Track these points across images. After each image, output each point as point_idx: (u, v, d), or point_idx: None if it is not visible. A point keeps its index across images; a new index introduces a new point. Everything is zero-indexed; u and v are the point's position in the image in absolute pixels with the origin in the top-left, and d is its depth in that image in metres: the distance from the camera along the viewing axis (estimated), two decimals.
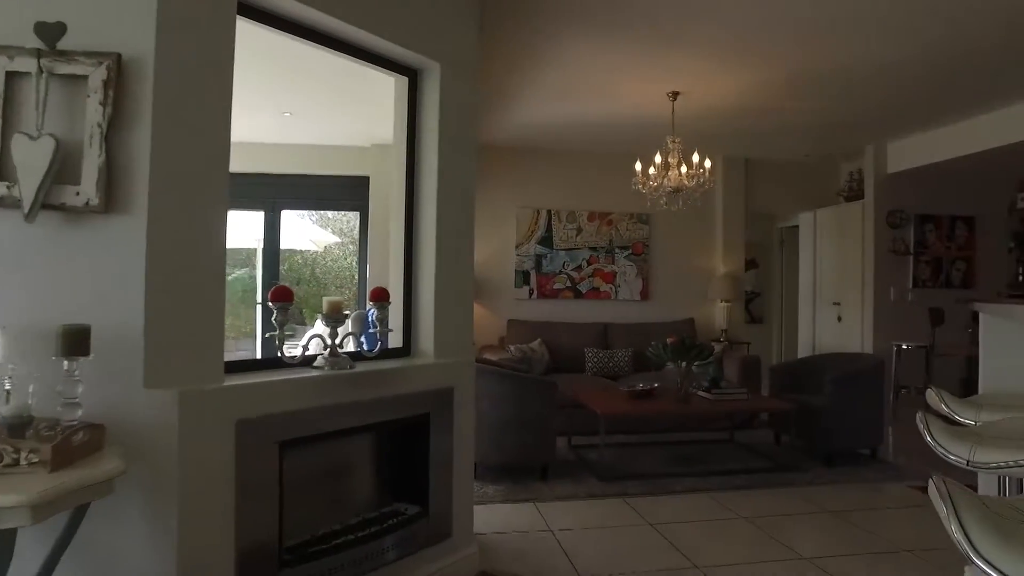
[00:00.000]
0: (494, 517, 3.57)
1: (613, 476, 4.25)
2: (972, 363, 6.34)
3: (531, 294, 6.82)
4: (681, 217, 6.99)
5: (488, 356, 5.82)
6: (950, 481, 1.15)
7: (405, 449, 2.71)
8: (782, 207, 7.37)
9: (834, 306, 7.04)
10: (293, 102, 5.23)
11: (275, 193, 6.86)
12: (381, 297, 2.53)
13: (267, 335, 2.22)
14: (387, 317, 2.61)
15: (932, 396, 2.36)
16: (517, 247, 6.80)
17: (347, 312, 2.42)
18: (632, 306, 6.96)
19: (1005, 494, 1.75)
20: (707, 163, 4.82)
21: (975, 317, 6.74)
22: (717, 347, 6.14)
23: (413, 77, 2.88)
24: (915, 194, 6.63)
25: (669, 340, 4.39)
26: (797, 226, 7.94)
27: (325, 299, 2.39)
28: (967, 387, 5.43)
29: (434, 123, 2.85)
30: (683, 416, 4.88)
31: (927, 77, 4.62)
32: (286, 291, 2.20)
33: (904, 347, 6.23)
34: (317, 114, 5.58)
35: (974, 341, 6.50)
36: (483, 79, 4.67)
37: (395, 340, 2.80)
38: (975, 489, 2.06)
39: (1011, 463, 1.46)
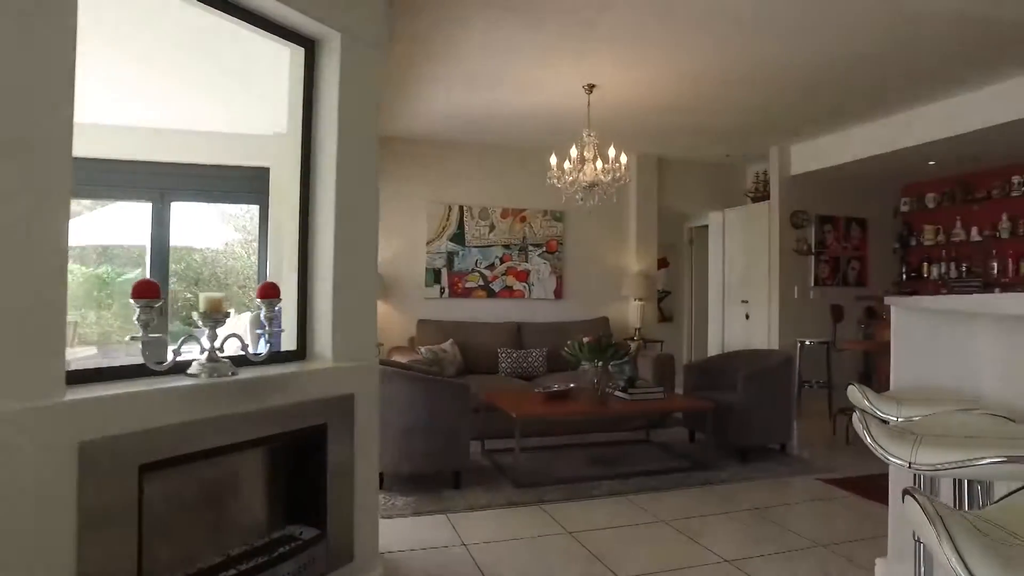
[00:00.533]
0: (403, 533, 3.30)
1: (530, 482, 4.07)
2: (868, 357, 6.63)
3: (443, 293, 6.56)
4: (595, 215, 6.94)
5: (397, 358, 5.52)
6: (937, 501, 1.00)
7: (300, 465, 2.41)
8: (692, 207, 7.47)
9: (742, 304, 7.19)
10: (184, 81, 4.74)
11: (164, 183, 6.26)
12: (269, 294, 2.23)
13: (147, 338, 1.86)
14: (278, 316, 2.30)
15: (854, 393, 2.30)
16: (428, 244, 6.52)
17: (229, 312, 2.10)
18: (546, 305, 6.84)
19: (959, 497, 1.67)
20: (623, 158, 4.74)
21: (868, 313, 7.07)
22: (632, 346, 6.11)
23: (310, 48, 2.58)
24: (816, 196, 6.86)
25: (585, 339, 4.26)
26: (707, 226, 8.08)
27: (202, 296, 2.06)
28: (865, 381, 5.63)
29: (333, 101, 2.56)
30: (600, 417, 4.77)
31: (824, 83, 4.74)
32: (150, 286, 1.86)
33: (807, 343, 6.41)
34: (212, 97, 5.09)
35: (868, 336, 6.81)
36: (393, 64, 4.40)
37: (289, 342, 2.49)
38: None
39: (962, 463, 1.36)
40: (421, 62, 4.42)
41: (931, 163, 6.19)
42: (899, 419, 2.10)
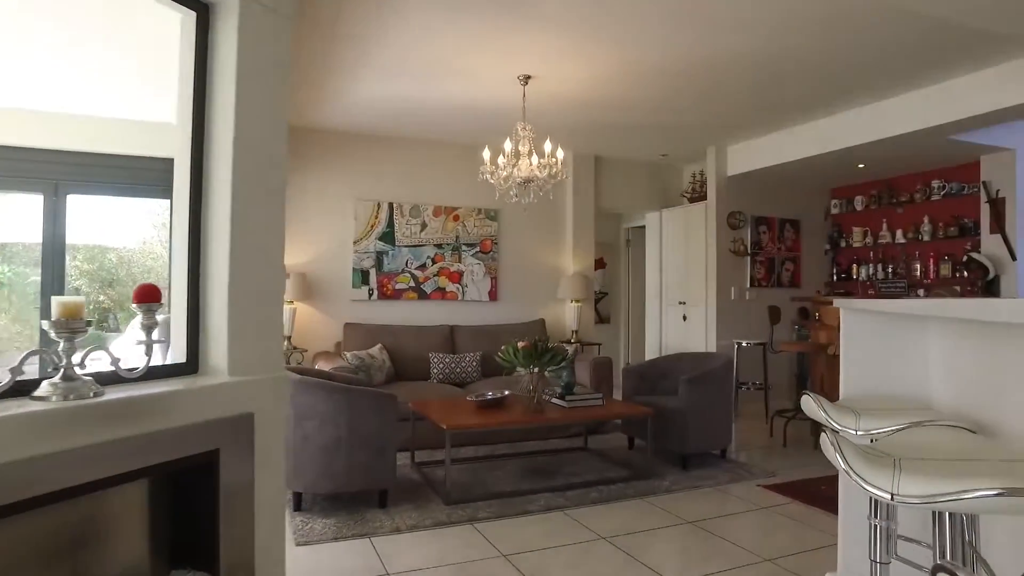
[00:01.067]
0: (321, 562, 2.98)
1: (462, 498, 3.79)
2: (801, 358, 6.65)
3: (371, 295, 6.20)
4: (531, 214, 6.72)
5: (322, 365, 5.15)
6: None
7: (187, 499, 2.06)
8: (629, 207, 7.35)
9: (679, 305, 7.11)
10: (72, 62, 4.24)
11: (56, 173, 5.67)
12: (147, 298, 1.87)
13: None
14: (163, 325, 1.95)
15: (809, 404, 2.14)
16: (355, 243, 6.15)
17: (90, 320, 1.74)
18: (480, 307, 6.57)
19: (939, 533, 1.49)
20: (560, 153, 4.53)
21: (802, 313, 7.13)
22: (569, 349, 5.92)
23: (203, 12, 2.23)
24: (752, 196, 6.85)
25: (520, 344, 4.01)
26: (644, 226, 8.00)
27: (55, 300, 1.69)
28: (801, 383, 5.61)
29: (230, 75, 2.21)
30: (537, 427, 4.52)
31: (760, 83, 4.66)
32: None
33: (743, 344, 6.38)
34: (110, 78, 4.59)
35: (803, 337, 6.85)
36: (315, 48, 4.04)
37: (179, 354, 2.14)
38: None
39: (951, 495, 1.17)
40: (345, 46, 4.08)
41: (861, 166, 6.26)
42: (858, 432, 1.94)
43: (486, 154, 4.49)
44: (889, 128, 5.15)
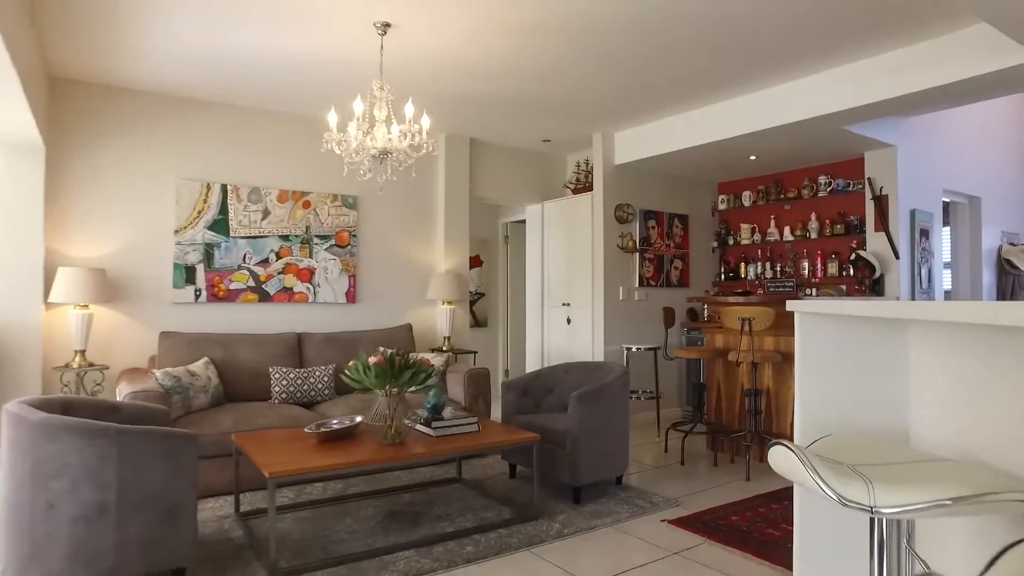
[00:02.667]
0: None
1: (294, 567, 2.84)
2: (693, 364, 6.20)
3: (198, 296, 5.03)
4: (397, 203, 5.82)
5: (125, 387, 3.96)
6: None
7: None
8: (508, 197, 6.62)
9: (563, 307, 6.47)
10: None
11: None
12: None
13: None
14: None
15: (789, 461, 1.42)
16: (178, 232, 4.96)
17: None
18: (336, 311, 5.57)
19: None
20: (425, 121, 3.66)
21: (692, 315, 6.72)
22: (439, 359, 5.07)
23: None
24: (640, 188, 6.34)
25: (372, 359, 3.11)
26: (523, 221, 7.31)
27: None
28: (699, 393, 5.11)
29: None
30: (394, 465, 3.60)
31: (649, 54, 4.07)
32: None
33: (633, 349, 5.83)
34: None
35: (694, 341, 6.43)
36: None
37: None
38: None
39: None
40: None
41: (753, 158, 5.90)
42: (877, 508, 1.25)
43: (332, 118, 3.54)
44: (783, 115, 4.76)
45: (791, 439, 4.62)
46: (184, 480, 2.57)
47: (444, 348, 5.75)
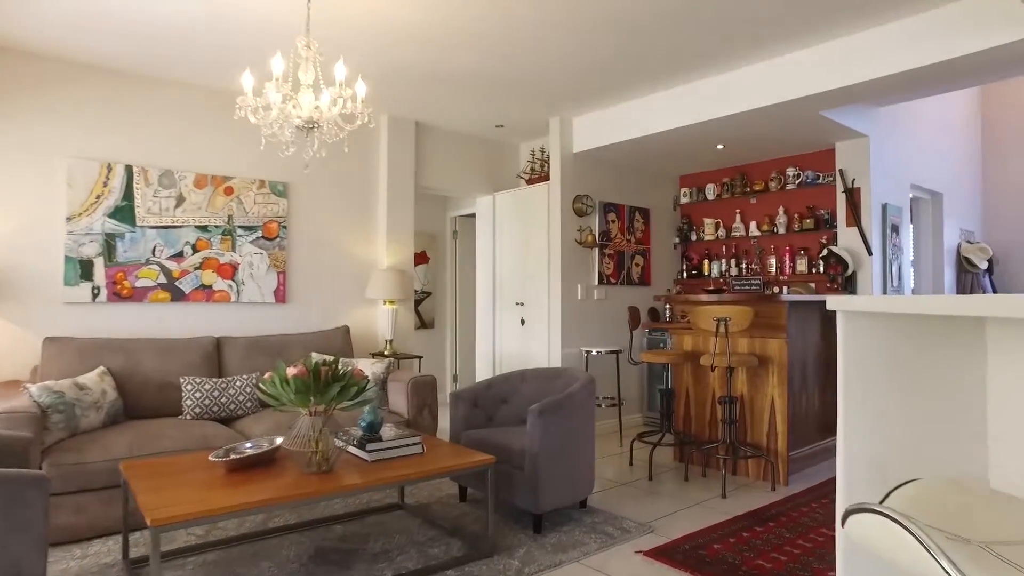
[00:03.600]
0: None
1: None
2: (655, 368, 5.80)
3: (96, 294, 4.33)
4: (332, 190, 5.23)
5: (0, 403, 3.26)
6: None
7: None
8: (458, 188, 6.09)
9: (517, 307, 5.98)
10: None
11: None
12: None
13: None
14: None
15: (907, 547, 0.96)
16: (71, 220, 4.25)
17: None
18: (263, 312, 4.94)
19: None
20: (361, 88, 3.10)
21: (653, 315, 6.33)
22: (379, 366, 4.50)
23: None
24: (600, 179, 5.90)
25: (291, 371, 2.54)
26: (474, 215, 6.79)
27: None
28: (665, 400, 4.69)
29: None
30: (317, 499, 3.00)
31: (611, 31, 3.62)
32: None
33: (593, 353, 5.38)
34: None
35: (656, 344, 6.03)
36: None
37: None
38: None
39: None
40: None
41: (720, 147, 5.53)
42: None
43: (247, 80, 2.95)
44: (759, 98, 4.39)
45: (768, 451, 4.25)
46: (26, 537, 1.95)
47: (385, 353, 5.18)
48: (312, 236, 5.17)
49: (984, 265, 6.91)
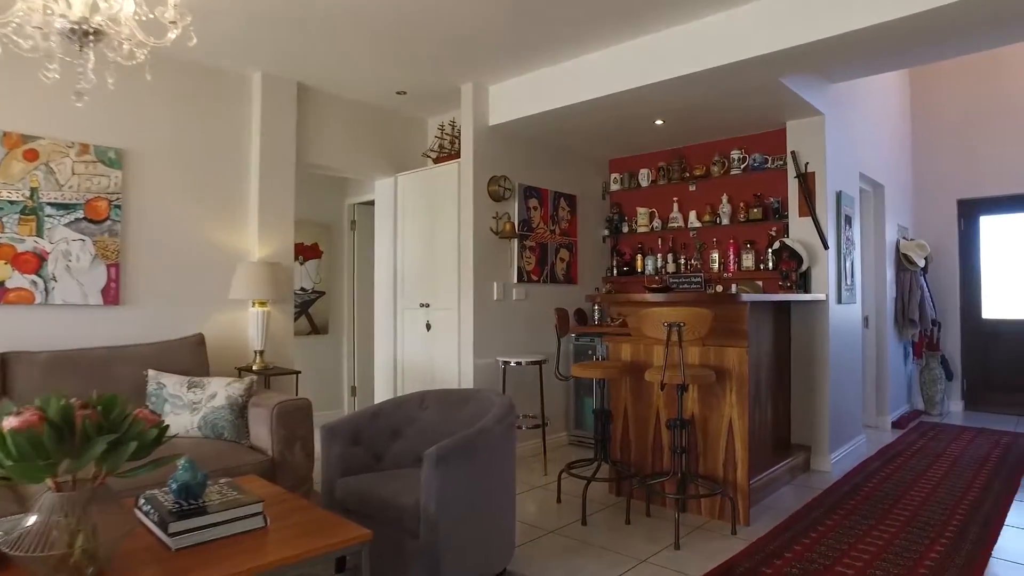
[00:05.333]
0: None
1: None
2: (581, 381, 4.99)
3: None
4: (186, 158, 4.14)
5: None
6: None
7: None
8: (352, 167, 5.07)
9: (422, 308, 5.02)
10: None
11: None
12: None
13: None
14: None
15: None
16: None
17: None
18: (85, 317, 3.77)
19: None
20: None
21: (580, 317, 5.52)
22: (236, 387, 3.43)
23: None
24: (520, 159, 5.04)
25: (9, 422, 1.52)
26: (374, 201, 5.78)
27: None
28: (601, 423, 3.85)
29: None
30: None
31: None
32: None
33: (512, 364, 4.50)
34: None
35: (581, 350, 5.23)
36: None
37: None
38: None
39: None
40: None
41: (658, 123, 4.78)
42: None
43: None
44: (709, 57, 3.64)
45: (726, 483, 3.50)
46: None
47: (254, 367, 4.12)
48: (158, 219, 4.04)
49: (922, 263, 6.54)
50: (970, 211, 6.95)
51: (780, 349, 4.33)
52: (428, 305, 4.94)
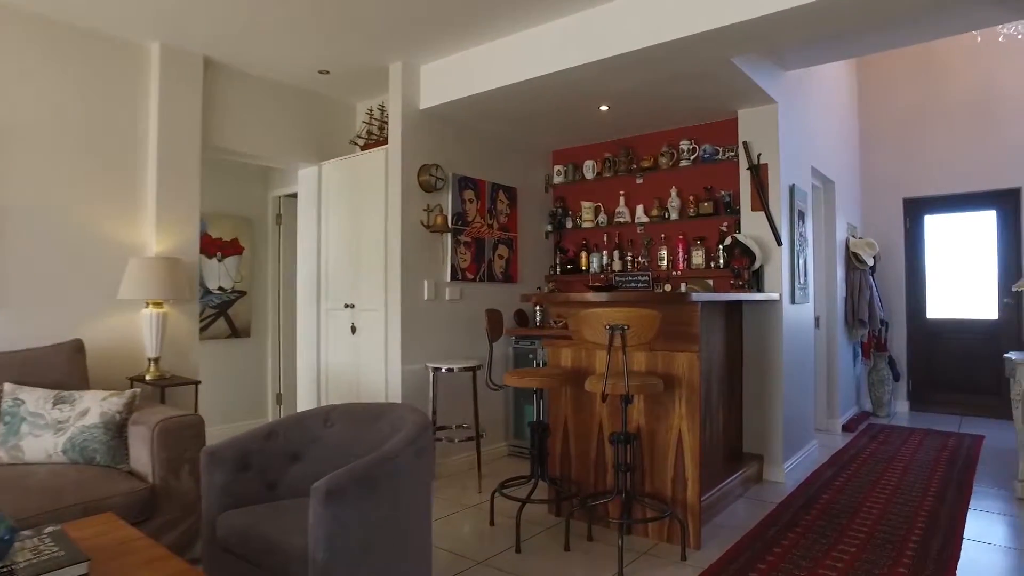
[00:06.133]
0: None
1: None
2: (521, 394, 4.61)
3: None
4: (67, 137, 3.60)
5: None
6: None
7: None
8: (270, 153, 4.58)
9: (347, 310, 4.56)
10: None
11: None
12: None
13: None
14: None
15: None
16: None
17: None
18: None
19: None
20: None
21: (520, 319, 5.14)
22: (114, 403, 2.93)
23: None
24: (454, 147, 4.63)
25: None
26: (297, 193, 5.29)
27: None
28: (538, 436, 3.47)
29: None
30: None
31: None
32: None
33: (443, 370, 4.10)
34: None
35: (520, 355, 4.86)
36: None
37: None
38: None
39: None
40: None
41: (603, 108, 4.45)
42: None
43: None
44: (656, 32, 3.31)
45: (675, 503, 3.17)
46: None
47: (148, 377, 3.60)
48: (30, 205, 3.48)
49: (871, 262, 6.41)
50: (915, 210, 6.87)
51: (732, 352, 4.05)
52: (353, 306, 4.49)
